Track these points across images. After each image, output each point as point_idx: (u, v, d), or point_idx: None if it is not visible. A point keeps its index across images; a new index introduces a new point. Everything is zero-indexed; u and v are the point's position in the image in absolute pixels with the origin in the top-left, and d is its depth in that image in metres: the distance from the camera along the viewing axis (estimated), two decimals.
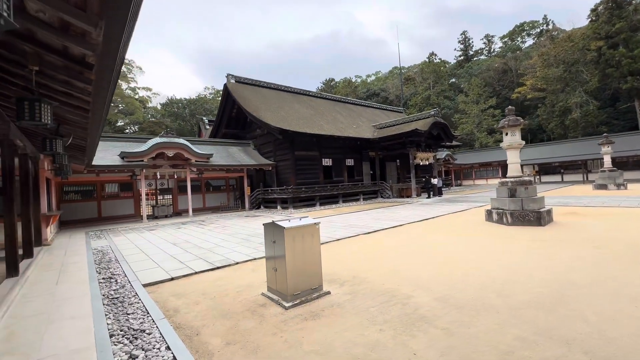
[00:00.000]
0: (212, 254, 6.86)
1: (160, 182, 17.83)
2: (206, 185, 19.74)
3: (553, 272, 4.47)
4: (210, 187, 20.08)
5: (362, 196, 20.25)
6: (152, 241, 9.08)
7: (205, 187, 19.74)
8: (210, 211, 18.62)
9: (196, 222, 13.35)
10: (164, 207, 16.64)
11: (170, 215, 16.60)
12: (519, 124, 8.65)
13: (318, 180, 19.11)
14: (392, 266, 5.23)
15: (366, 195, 20.73)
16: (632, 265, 4.52)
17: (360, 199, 20.07)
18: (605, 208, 10.71)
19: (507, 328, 2.94)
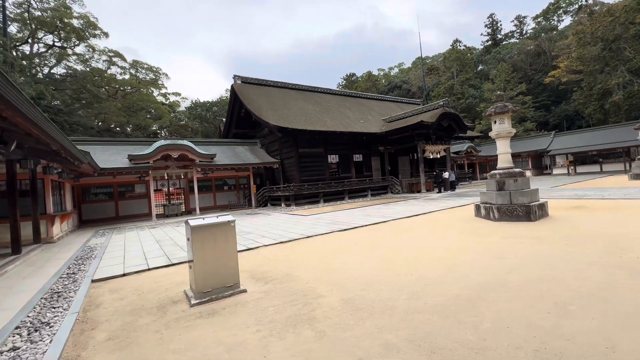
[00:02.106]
0: (180, 251, 7.08)
1: (172, 183, 18.73)
2: (216, 184, 20.38)
3: (493, 272, 4.07)
4: (221, 186, 20.70)
5: (371, 192, 19.83)
6: (142, 238, 9.57)
7: (216, 186, 20.37)
8: (219, 209, 19.23)
9: None
10: (175, 206, 17.45)
11: (181, 214, 17.38)
12: (507, 111, 7.95)
13: (324, 177, 19.01)
14: (337, 265, 5.06)
15: (375, 191, 20.26)
16: (587, 267, 3.99)
17: (368, 195, 19.67)
18: (623, 201, 9.56)
19: (384, 333, 2.72)
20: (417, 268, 4.52)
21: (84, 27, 36.43)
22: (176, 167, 16.15)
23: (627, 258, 4.16)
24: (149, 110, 47.50)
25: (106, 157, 14.91)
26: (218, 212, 18.26)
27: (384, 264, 4.89)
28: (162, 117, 46.39)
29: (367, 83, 55.61)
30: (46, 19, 33.01)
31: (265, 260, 5.74)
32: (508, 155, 8.22)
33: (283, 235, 8.06)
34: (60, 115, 29.44)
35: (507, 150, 8.22)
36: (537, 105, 40.92)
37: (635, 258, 4.13)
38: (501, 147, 8.28)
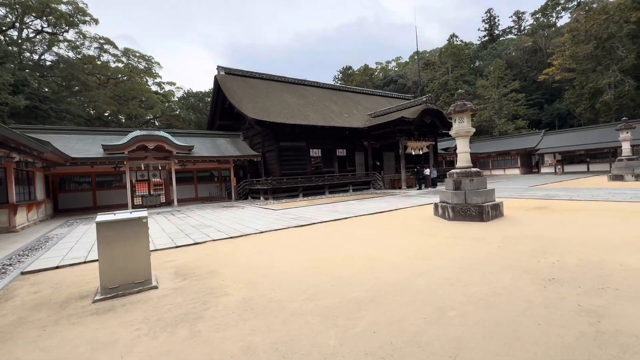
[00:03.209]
0: None
1: (153, 174, 18.61)
2: (198, 176, 20.30)
3: (409, 273, 4.05)
4: (203, 178, 20.62)
5: (352, 187, 19.79)
6: None
7: (198, 178, 20.31)
8: (200, 201, 19.19)
9: (170, 212, 13.82)
10: (154, 197, 17.40)
11: (159, 205, 17.33)
12: (466, 110, 7.85)
13: (306, 171, 18.94)
14: (267, 262, 5.03)
15: (357, 186, 20.22)
16: (500, 270, 3.97)
17: (350, 190, 19.64)
18: (587, 202, 9.56)
19: (254, 336, 2.69)
20: (340, 268, 4.49)
21: (73, 13, 35.78)
22: (154, 158, 16.04)
23: (544, 263, 4.13)
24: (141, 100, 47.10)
25: (81, 146, 14.78)
26: (199, 203, 18.23)
27: (312, 262, 4.86)
28: (154, 107, 45.99)
29: (363, 77, 55.14)
30: (33, 3, 32.35)
31: (202, 256, 5.71)
32: (467, 155, 8.15)
33: (238, 230, 8.02)
34: (45, 103, 29.11)
35: (466, 149, 8.14)
36: (531, 103, 40.71)
37: (550, 263, 4.11)
38: (460, 146, 8.21)
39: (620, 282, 3.33)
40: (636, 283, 3.27)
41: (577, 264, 4.00)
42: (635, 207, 8.05)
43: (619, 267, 3.78)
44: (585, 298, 2.99)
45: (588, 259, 4.18)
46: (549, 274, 3.71)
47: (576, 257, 4.30)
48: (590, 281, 3.40)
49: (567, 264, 4.04)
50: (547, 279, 3.56)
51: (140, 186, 19.27)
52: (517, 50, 45.27)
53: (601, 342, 2.26)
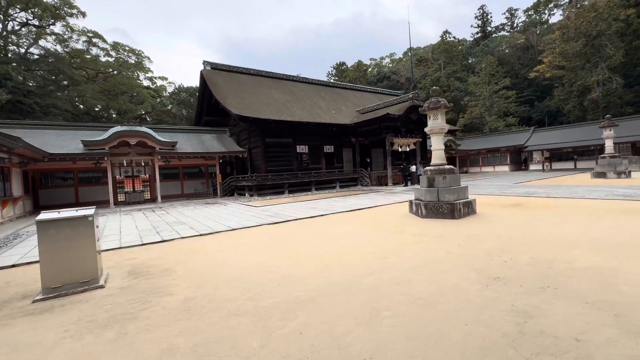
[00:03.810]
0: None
1: (137, 170, 18.40)
2: (184, 172, 20.10)
3: (359, 272, 4.01)
4: (189, 175, 20.42)
5: (339, 184, 19.76)
6: None
7: (184, 174, 20.10)
8: (186, 198, 19.03)
9: (151, 209, 13.67)
10: (137, 194, 17.21)
11: (143, 201, 17.15)
12: (440, 107, 7.81)
13: (292, 168, 18.85)
14: (225, 260, 4.97)
15: (344, 183, 20.19)
16: (450, 269, 3.95)
17: (337, 186, 19.60)
18: (563, 200, 9.62)
19: (181, 337, 2.64)
20: (295, 266, 4.45)
21: (59, 5, 35.03)
22: (136, 154, 15.83)
23: (496, 261, 4.12)
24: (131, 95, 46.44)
25: (60, 142, 14.52)
26: (184, 200, 18.09)
27: (270, 260, 4.81)
28: (145, 102, 45.42)
29: (356, 73, 54.88)
30: None
31: (164, 254, 5.63)
32: (441, 152, 8.13)
33: (211, 228, 7.94)
34: (30, 97, 28.56)
35: (440, 146, 8.12)
36: (522, 100, 40.90)
37: (502, 261, 4.10)
38: (435, 143, 8.18)
39: (563, 281, 3.33)
40: (577, 282, 3.27)
41: (528, 263, 3.99)
42: (606, 205, 8.11)
43: (567, 266, 3.78)
44: (522, 298, 2.97)
45: (541, 257, 4.18)
46: (497, 272, 3.70)
47: (530, 255, 4.30)
48: (534, 280, 3.39)
49: (519, 262, 4.03)
50: (493, 277, 3.55)
51: (126, 182, 19.06)
52: (510, 48, 45.35)
53: (519, 343, 2.24)
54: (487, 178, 22.87)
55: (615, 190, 10.89)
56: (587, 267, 3.73)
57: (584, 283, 3.24)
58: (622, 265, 3.73)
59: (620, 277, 3.36)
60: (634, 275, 3.38)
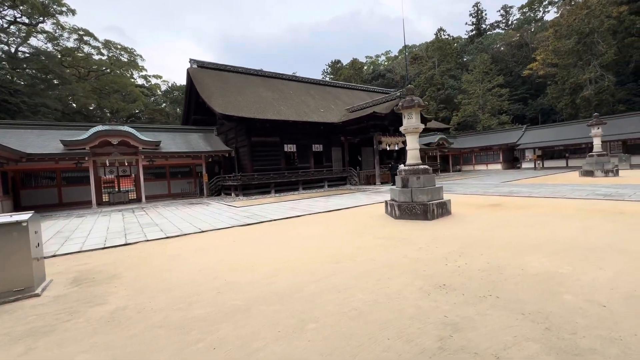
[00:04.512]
0: (55, 246, 6.75)
1: (123, 170, 18.17)
2: (171, 172, 19.88)
3: (306, 279, 3.87)
4: (176, 174, 20.20)
5: (328, 183, 19.61)
6: (43, 229, 9.19)
7: (171, 174, 19.88)
8: (172, 197, 18.84)
9: (132, 210, 13.48)
10: (121, 194, 17.00)
11: (127, 201, 16.95)
12: (414, 105, 7.66)
13: (279, 167, 18.68)
14: (177, 266, 4.82)
15: (333, 182, 20.04)
16: (398, 275, 3.81)
17: (325, 186, 19.45)
18: (544, 199, 9.52)
19: (81, 353, 2.49)
20: (245, 272, 4.30)
21: (47, 3, 34.60)
22: (119, 154, 15.62)
23: (450, 266, 3.99)
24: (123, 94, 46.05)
25: (40, 142, 14.29)
26: (170, 200, 17.90)
27: (222, 265, 4.66)
28: (137, 101, 45.07)
29: (351, 71, 54.63)
30: None
31: (120, 258, 5.46)
32: (416, 152, 7.98)
33: (181, 230, 7.78)
34: (17, 96, 28.22)
35: (415, 146, 7.97)
36: (516, 98, 40.80)
37: (456, 267, 3.96)
38: (410, 142, 8.03)
39: (508, 289, 3.19)
40: (521, 290, 3.13)
41: (481, 268, 3.86)
42: (585, 205, 8.00)
43: (518, 272, 3.64)
44: (459, 308, 2.83)
45: (496, 262, 4.05)
46: (445, 279, 3.56)
47: (487, 260, 4.17)
48: (478, 288, 3.25)
49: (472, 267, 3.90)
50: (439, 285, 3.41)
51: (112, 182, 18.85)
52: (504, 45, 45.21)
53: None
54: (478, 177, 22.77)
55: (597, 190, 10.79)
56: (538, 272, 3.60)
57: (528, 291, 3.10)
58: (575, 270, 3.60)
59: (568, 284, 3.23)
60: (582, 282, 3.25)
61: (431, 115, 39.68)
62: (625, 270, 3.50)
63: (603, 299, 2.85)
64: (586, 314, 2.58)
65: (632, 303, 2.72)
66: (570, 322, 2.48)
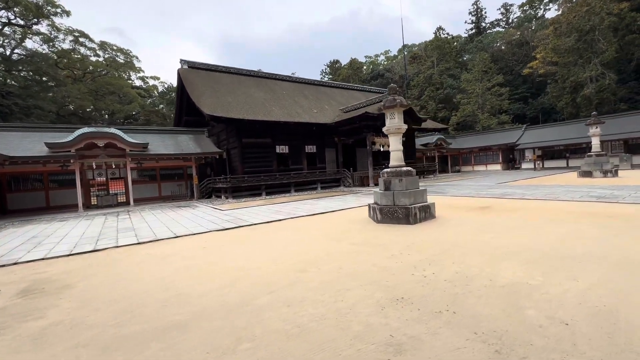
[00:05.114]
0: (16, 252, 6.57)
1: (111, 172, 18.05)
2: (162, 174, 19.77)
3: (261, 291, 3.66)
4: (167, 176, 20.09)
5: (321, 185, 19.41)
6: (19, 234, 9.03)
7: (161, 176, 19.78)
8: (162, 200, 18.70)
9: (117, 213, 13.34)
10: (110, 197, 16.87)
11: (115, 205, 16.81)
12: (396, 105, 7.45)
13: (271, 169, 18.50)
14: (134, 275, 4.63)
15: (326, 184, 19.84)
16: (358, 287, 3.60)
17: (318, 187, 19.26)
18: (535, 202, 9.30)
19: None
20: (201, 282, 4.10)
21: (41, 4, 34.65)
22: (107, 156, 15.48)
23: (417, 276, 3.77)
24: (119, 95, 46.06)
25: (25, 144, 14.17)
26: (160, 203, 17.76)
27: (182, 274, 4.46)
28: (133, 102, 45.07)
29: (350, 71, 54.50)
30: None
31: (81, 266, 5.28)
32: (399, 153, 7.77)
33: (156, 235, 7.60)
34: (9, 98, 28.22)
35: (398, 147, 7.76)
36: (516, 97, 40.49)
37: (422, 277, 3.74)
38: (392, 143, 7.82)
39: (469, 303, 2.97)
40: (482, 304, 2.91)
41: (448, 278, 3.64)
42: (576, 207, 7.76)
43: (486, 283, 3.42)
44: (409, 325, 2.62)
45: (467, 271, 3.83)
46: (406, 291, 3.34)
47: (457, 268, 3.95)
48: (438, 302, 3.04)
49: (439, 278, 3.68)
50: (397, 298, 3.19)
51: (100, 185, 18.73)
52: (504, 44, 44.93)
53: None
54: (475, 177, 22.52)
55: (593, 191, 10.54)
56: (507, 284, 3.38)
57: (490, 306, 2.88)
58: (547, 281, 3.37)
59: (535, 297, 3.01)
60: (550, 295, 3.03)
61: (429, 115, 39.54)
62: (600, 281, 3.28)
63: (568, 315, 2.63)
64: (545, 334, 2.36)
65: (597, 321, 2.50)
66: (524, 343, 2.26)
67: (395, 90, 7.82)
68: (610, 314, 2.60)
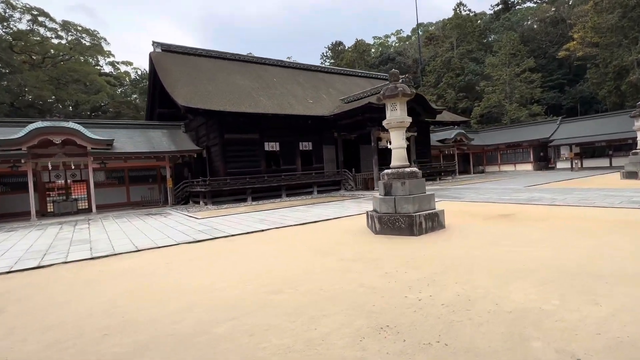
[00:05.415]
0: None
1: (72, 174, 18.08)
2: (131, 176, 19.79)
3: (225, 317, 3.61)
4: (137, 179, 20.11)
5: (317, 188, 19.39)
6: None
7: (131, 178, 19.81)
8: (131, 206, 18.70)
9: (74, 222, 13.33)
10: (69, 203, 16.88)
11: (75, 212, 16.81)
12: (397, 94, 7.40)
13: (259, 169, 18.49)
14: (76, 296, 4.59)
15: (324, 187, 19.81)
16: (346, 310, 3.54)
17: (314, 191, 19.23)
18: (565, 208, 9.23)
19: None
20: (153, 305, 4.05)
21: None
22: (65, 155, 15.51)
23: (410, 299, 3.71)
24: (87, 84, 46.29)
25: None
26: (128, 209, 17.77)
27: (132, 296, 4.42)
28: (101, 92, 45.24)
29: (354, 54, 54.57)
30: None
31: (19, 286, 5.25)
32: (402, 151, 7.72)
33: (114, 248, 7.57)
34: None
35: (400, 144, 7.71)
36: (551, 85, 40.43)
37: (415, 300, 3.67)
38: (394, 139, 7.78)
39: (465, 332, 2.90)
40: (481, 335, 2.84)
41: (446, 302, 3.57)
42: (612, 216, 7.68)
43: (490, 308, 3.35)
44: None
45: (470, 293, 3.76)
46: (394, 317, 3.27)
47: (459, 290, 3.88)
48: (429, 331, 2.96)
49: (435, 301, 3.61)
50: (382, 326, 3.12)
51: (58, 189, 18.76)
52: (536, 22, 44.92)
53: None
54: (500, 179, 22.47)
55: (636, 196, 10.44)
56: (515, 308, 3.30)
57: (490, 336, 2.81)
58: (563, 305, 3.30)
59: (546, 325, 2.93)
60: (565, 323, 2.94)
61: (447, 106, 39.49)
62: (627, 307, 3.19)
63: (582, 348, 2.55)
64: None
65: (615, 355, 2.42)
66: None
67: (397, 77, 7.79)
68: (632, 346, 2.52)
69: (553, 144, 29.30)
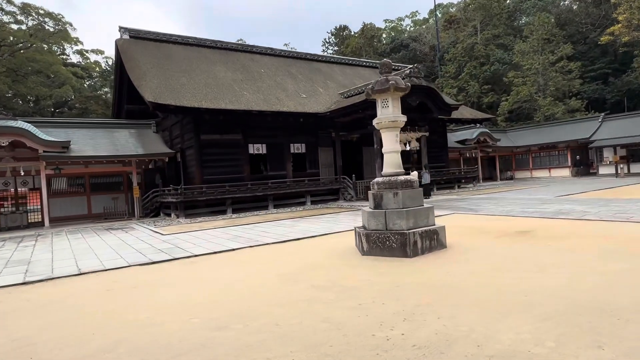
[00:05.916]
0: None
1: (23, 181, 18.17)
2: (93, 183, 19.87)
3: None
4: (100, 187, 20.19)
5: (311, 198, 19.34)
6: None
7: (92, 186, 19.89)
8: (92, 219, 18.74)
9: (20, 238, 13.38)
10: (16, 216, 16.93)
11: (25, 225, 16.86)
12: (389, 88, 7.32)
13: (242, 176, 18.49)
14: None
15: (319, 196, 19.79)
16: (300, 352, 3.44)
17: (307, 202, 19.18)
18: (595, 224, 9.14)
19: None
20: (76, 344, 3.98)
21: None
22: (13, 159, 15.60)
23: (378, 337, 3.60)
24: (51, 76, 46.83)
25: None
26: (88, 223, 17.80)
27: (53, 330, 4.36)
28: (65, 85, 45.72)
29: (361, 40, 54.85)
30: None
31: None
32: (394, 156, 7.61)
33: (53, 271, 7.57)
34: None
35: (393, 147, 7.61)
36: (592, 75, 40.27)
37: (383, 339, 3.57)
38: (386, 142, 7.68)
39: None
40: None
41: (419, 342, 3.45)
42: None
43: (468, 351, 3.23)
44: None
45: (451, 331, 3.65)
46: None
47: (439, 326, 3.77)
48: None
49: (408, 341, 3.49)
50: None
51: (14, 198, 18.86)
52: (574, 1, 44.89)
53: None
54: (529, 188, 22.34)
55: None
56: (498, 352, 3.17)
57: None
58: (558, 349, 3.16)
59: None
60: None
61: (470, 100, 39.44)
62: (635, 351, 3.06)
63: None
64: None
65: None
66: None
67: (390, 68, 7.74)
68: None
69: (594, 145, 29.08)
